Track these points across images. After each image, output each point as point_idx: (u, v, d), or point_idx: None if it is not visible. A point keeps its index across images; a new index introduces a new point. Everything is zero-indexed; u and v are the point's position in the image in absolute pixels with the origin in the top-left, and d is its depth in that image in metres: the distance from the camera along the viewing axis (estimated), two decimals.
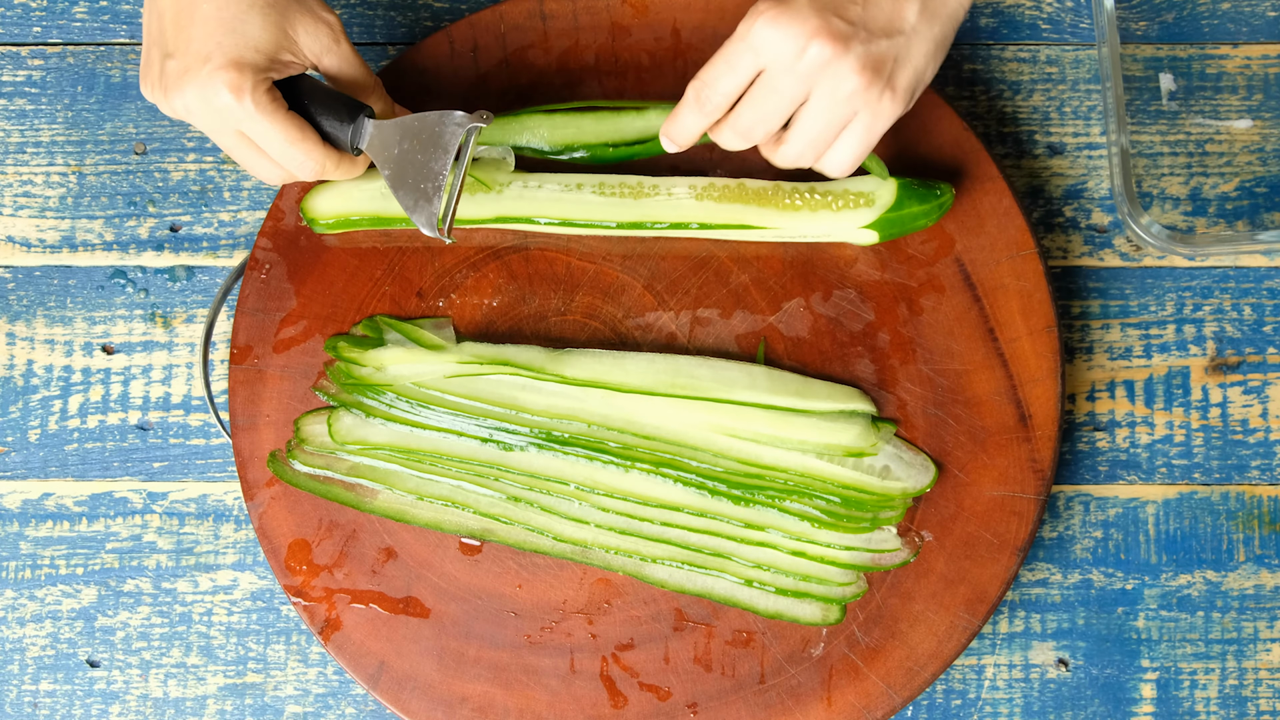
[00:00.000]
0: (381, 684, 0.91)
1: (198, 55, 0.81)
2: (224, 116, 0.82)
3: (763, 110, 0.82)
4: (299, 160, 0.85)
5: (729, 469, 0.90)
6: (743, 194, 0.91)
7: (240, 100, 0.81)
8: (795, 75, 0.80)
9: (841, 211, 0.90)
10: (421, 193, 0.85)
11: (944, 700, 0.95)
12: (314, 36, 0.84)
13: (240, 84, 0.81)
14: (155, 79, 0.84)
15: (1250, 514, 0.95)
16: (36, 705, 0.96)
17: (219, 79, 0.81)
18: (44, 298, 0.98)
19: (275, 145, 0.84)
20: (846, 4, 0.80)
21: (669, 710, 0.90)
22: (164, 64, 0.83)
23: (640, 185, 0.91)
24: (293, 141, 0.84)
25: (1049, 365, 0.91)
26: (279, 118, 0.83)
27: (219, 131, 0.84)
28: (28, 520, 0.97)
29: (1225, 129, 0.98)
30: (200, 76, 0.81)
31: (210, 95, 0.81)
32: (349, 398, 0.92)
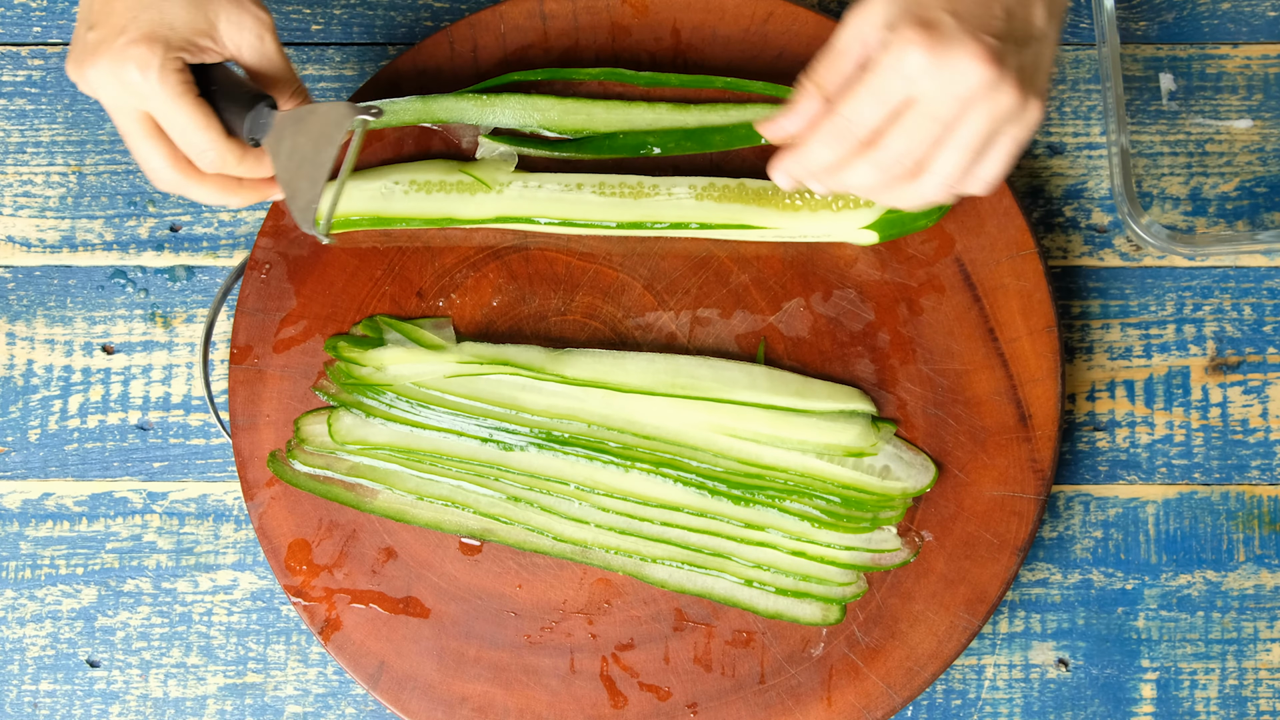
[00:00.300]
0: (381, 684, 0.91)
1: (114, 28, 0.81)
2: (130, 92, 0.81)
3: (916, 139, 0.77)
4: (198, 147, 0.83)
5: (729, 469, 0.90)
6: (743, 194, 0.91)
7: (146, 75, 0.80)
8: (955, 101, 0.76)
9: (842, 211, 0.90)
10: (302, 187, 0.83)
11: (944, 700, 0.95)
12: (236, 27, 0.83)
13: (149, 59, 0.80)
14: (77, 51, 0.83)
15: (1250, 514, 0.95)
16: (36, 705, 0.96)
17: (130, 52, 0.80)
18: (44, 298, 0.98)
19: (176, 128, 0.82)
20: (988, 18, 0.77)
21: (669, 710, 0.90)
22: (85, 36, 0.82)
23: (640, 185, 0.91)
24: (195, 127, 0.82)
25: (1049, 365, 0.91)
26: (185, 100, 0.82)
27: (121, 111, 0.83)
28: (28, 520, 0.97)
29: (1225, 129, 0.98)
30: (113, 49, 0.80)
31: (119, 68, 0.80)
32: (349, 398, 0.92)
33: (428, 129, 0.94)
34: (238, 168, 0.85)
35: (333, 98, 0.98)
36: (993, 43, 0.76)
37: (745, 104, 0.93)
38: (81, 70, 0.82)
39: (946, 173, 0.79)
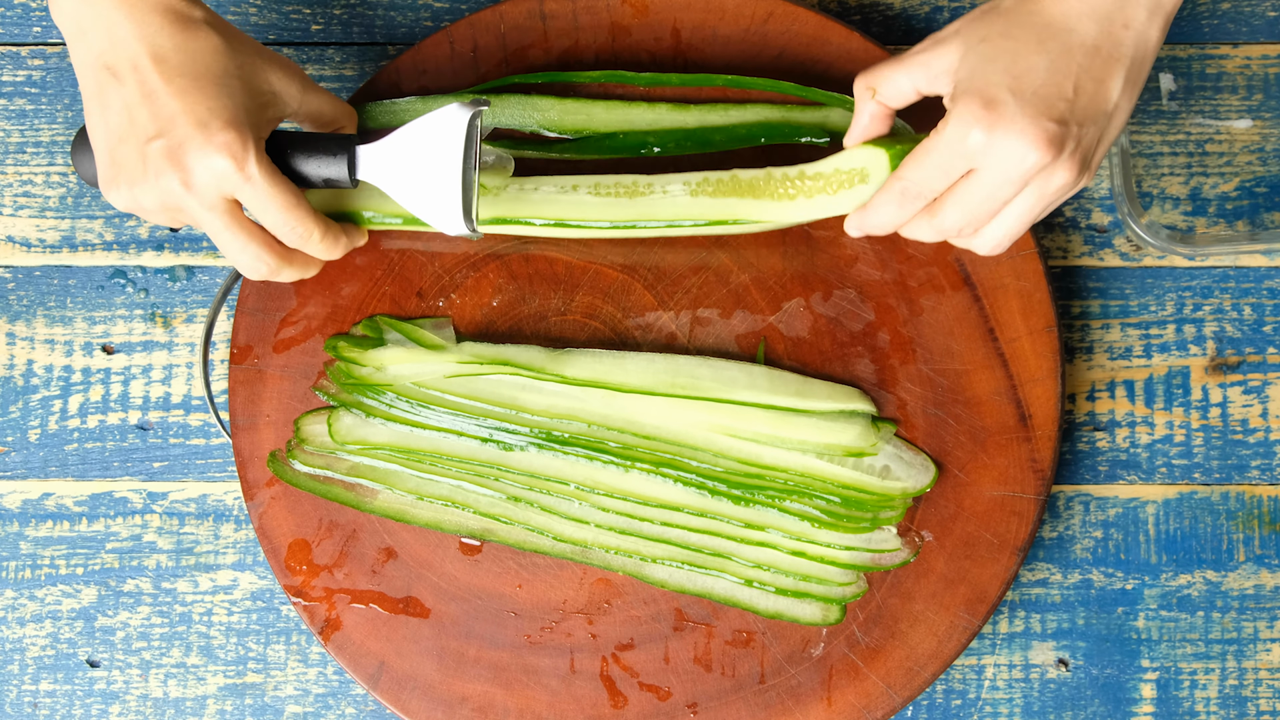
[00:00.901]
0: (381, 684, 0.91)
1: (189, 125, 0.78)
2: (221, 185, 0.79)
3: (971, 212, 0.82)
4: (291, 227, 0.82)
5: (729, 469, 0.90)
6: (736, 186, 0.90)
7: (243, 165, 0.78)
8: (1010, 181, 0.80)
9: (839, 194, 0.88)
10: (438, 197, 0.83)
11: (944, 700, 0.95)
12: (288, 84, 0.83)
13: (243, 144, 0.78)
14: (134, 170, 0.79)
15: (1250, 514, 0.95)
16: (36, 705, 0.96)
17: (218, 142, 0.78)
18: (44, 298, 0.98)
19: (271, 212, 0.81)
20: (1056, 99, 0.78)
21: (669, 710, 0.90)
22: (144, 150, 0.79)
23: (635, 184, 0.91)
24: (289, 207, 0.81)
25: (1049, 365, 0.91)
26: (276, 182, 0.80)
27: (211, 209, 0.80)
28: (28, 520, 0.97)
29: (1225, 129, 0.98)
30: (197, 142, 0.78)
31: (211, 160, 0.78)
32: (349, 398, 0.92)
33: None
34: (321, 241, 0.84)
35: None
36: (1052, 128, 0.78)
37: (745, 104, 0.93)
38: (159, 180, 0.79)
39: (996, 239, 0.84)
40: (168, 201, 0.80)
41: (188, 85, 0.79)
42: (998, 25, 0.80)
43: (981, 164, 0.79)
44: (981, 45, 0.80)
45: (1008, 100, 0.78)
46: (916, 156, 0.82)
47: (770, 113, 0.93)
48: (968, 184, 0.81)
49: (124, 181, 0.80)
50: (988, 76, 0.79)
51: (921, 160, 0.81)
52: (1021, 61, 0.79)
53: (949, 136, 0.79)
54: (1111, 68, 0.79)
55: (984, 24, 0.80)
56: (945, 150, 0.80)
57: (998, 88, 0.78)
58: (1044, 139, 0.78)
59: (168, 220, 0.82)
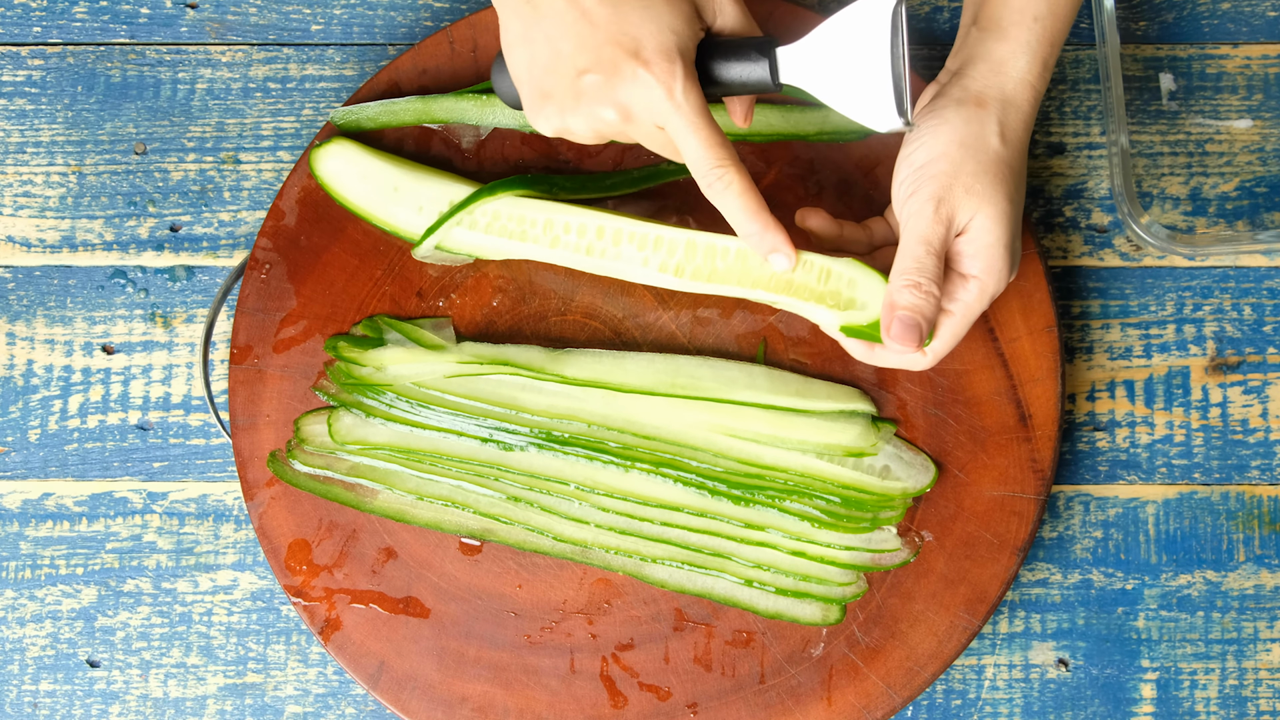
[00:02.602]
0: (381, 684, 0.91)
1: (621, 53, 0.77)
2: (654, 113, 0.78)
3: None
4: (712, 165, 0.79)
5: (729, 469, 0.90)
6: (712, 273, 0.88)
7: (673, 93, 0.77)
8: None
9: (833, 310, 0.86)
10: (869, 92, 0.80)
11: (944, 700, 0.95)
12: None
13: (673, 73, 0.77)
14: (566, 100, 0.79)
15: (1250, 514, 0.95)
16: (36, 705, 0.96)
17: (652, 71, 0.77)
18: (44, 298, 0.98)
19: (692, 146, 0.79)
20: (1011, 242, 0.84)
21: (669, 710, 0.90)
22: (576, 83, 0.78)
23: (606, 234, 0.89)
24: (709, 144, 0.79)
25: (1049, 365, 0.91)
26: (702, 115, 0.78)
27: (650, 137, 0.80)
28: (28, 520, 0.97)
29: (1225, 129, 0.98)
30: (629, 73, 0.77)
31: (645, 91, 0.77)
32: (349, 398, 0.92)
33: (428, 129, 0.94)
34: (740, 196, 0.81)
35: (333, 97, 0.98)
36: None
37: None
38: (594, 111, 0.79)
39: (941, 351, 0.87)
40: (603, 130, 0.80)
41: (610, 14, 0.77)
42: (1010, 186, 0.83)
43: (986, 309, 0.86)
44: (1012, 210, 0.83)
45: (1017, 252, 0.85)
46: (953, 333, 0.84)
47: (771, 113, 0.93)
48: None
49: (555, 109, 0.80)
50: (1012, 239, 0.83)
51: (957, 334, 0.84)
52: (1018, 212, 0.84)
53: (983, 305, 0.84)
54: None
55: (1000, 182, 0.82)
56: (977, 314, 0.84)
57: (1014, 244, 0.84)
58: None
59: (597, 142, 0.82)
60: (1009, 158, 0.83)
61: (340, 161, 0.92)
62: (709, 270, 0.87)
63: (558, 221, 0.89)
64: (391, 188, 0.91)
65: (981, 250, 0.82)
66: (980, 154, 0.82)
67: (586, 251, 0.89)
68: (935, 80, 0.86)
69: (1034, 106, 0.84)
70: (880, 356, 0.86)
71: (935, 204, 0.81)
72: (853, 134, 0.93)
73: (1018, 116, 0.83)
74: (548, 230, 0.89)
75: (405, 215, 0.91)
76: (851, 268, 0.85)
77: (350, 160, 0.92)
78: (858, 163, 0.93)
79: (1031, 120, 0.84)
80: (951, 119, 0.82)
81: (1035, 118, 0.85)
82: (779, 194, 0.93)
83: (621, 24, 0.77)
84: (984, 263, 0.82)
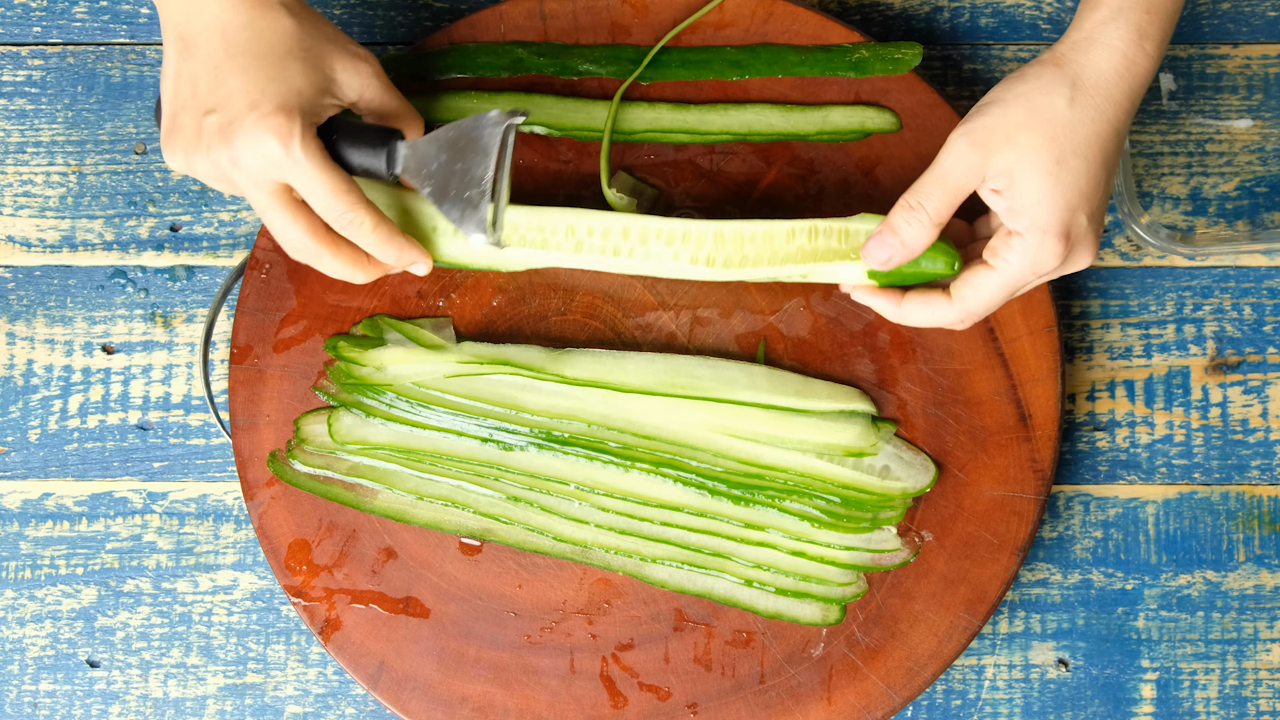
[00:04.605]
0: (381, 684, 0.91)
1: (243, 104, 0.79)
2: (270, 166, 0.80)
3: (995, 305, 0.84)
4: (341, 213, 0.82)
5: (729, 469, 0.90)
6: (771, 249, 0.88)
7: (288, 147, 0.79)
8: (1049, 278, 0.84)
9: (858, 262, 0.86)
10: (467, 202, 0.84)
11: (944, 700, 0.95)
12: (353, 74, 0.84)
13: (289, 128, 0.79)
14: (190, 139, 0.81)
15: (1250, 514, 0.95)
16: (36, 705, 0.96)
17: (267, 124, 0.79)
18: (44, 298, 0.98)
19: (319, 196, 0.82)
20: (1103, 206, 0.81)
21: (669, 710, 0.90)
22: (201, 122, 0.80)
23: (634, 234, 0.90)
24: (337, 192, 0.82)
25: (1049, 365, 0.91)
26: (324, 167, 0.81)
27: (259, 187, 0.81)
28: (28, 520, 0.97)
29: (1225, 129, 0.98)
30: (247, 123, 0.79)
31: (259, 144, 0.79)
32: (349, 398, 0.92)
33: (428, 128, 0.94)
34: (374, 232, 0.84)
35: None
36: (1101, 231, 0.83)
37: (745, 104, 0.93)
38: (210, 154, 0.81)
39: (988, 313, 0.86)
40: (219, 174, 0.82)
41: (248, 63, 0.80)
42: (1068, 143, 0.80)
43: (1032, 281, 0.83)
44: (1060, 169, 0.79)
45: (1082, 224, 0.81)
46: (985, 289, 0.82)
47: (771, 113, 0.93)
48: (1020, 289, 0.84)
49: (180, 148, 0.82)
50: (1068, 205, 0.80)
51: (993, 293, 0.82)
52: (1092, 182, 0.80)
53: (1026, 267, 0.81)
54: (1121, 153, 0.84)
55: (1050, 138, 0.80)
56: (1019, 280, 0.82)
57: (1076, 214, 0.80)
58: (1097, 245, 0.82)
59: (222, 189, 0.83)
60: (1075, 121, 0.80)
61: None
62: (739, 257, 0.87)
63: (580, 226, 0.89)
64: (402, 209, 0.91)
65: (1025, 208, 0.80)
66: (1038, 110, 0.80)
67: (614, 253, 0.89)
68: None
69: (1127, 75, 0.80)
70: (910, 313, 0.85)
71: (969, 143, 0.80)
72: (853, 134, 0.93)
73: (1098, 81, 0.80)
74: (570, 236, 0.89)
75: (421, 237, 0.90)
76: (866, 222, 0.86)
77: None
78: (858, 163, 0.93)
79: (1126, 90, 0.80)
80: (1026, 74, 0.81)
81: (1135, 90, 0.81)
82: (779, 194, 0.93)
83: (254, 76, 0.80)
84: (1028, 220, 0.80)
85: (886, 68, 0.93)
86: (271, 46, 0.81)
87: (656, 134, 0.93)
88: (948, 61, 0.98)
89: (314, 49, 0.82)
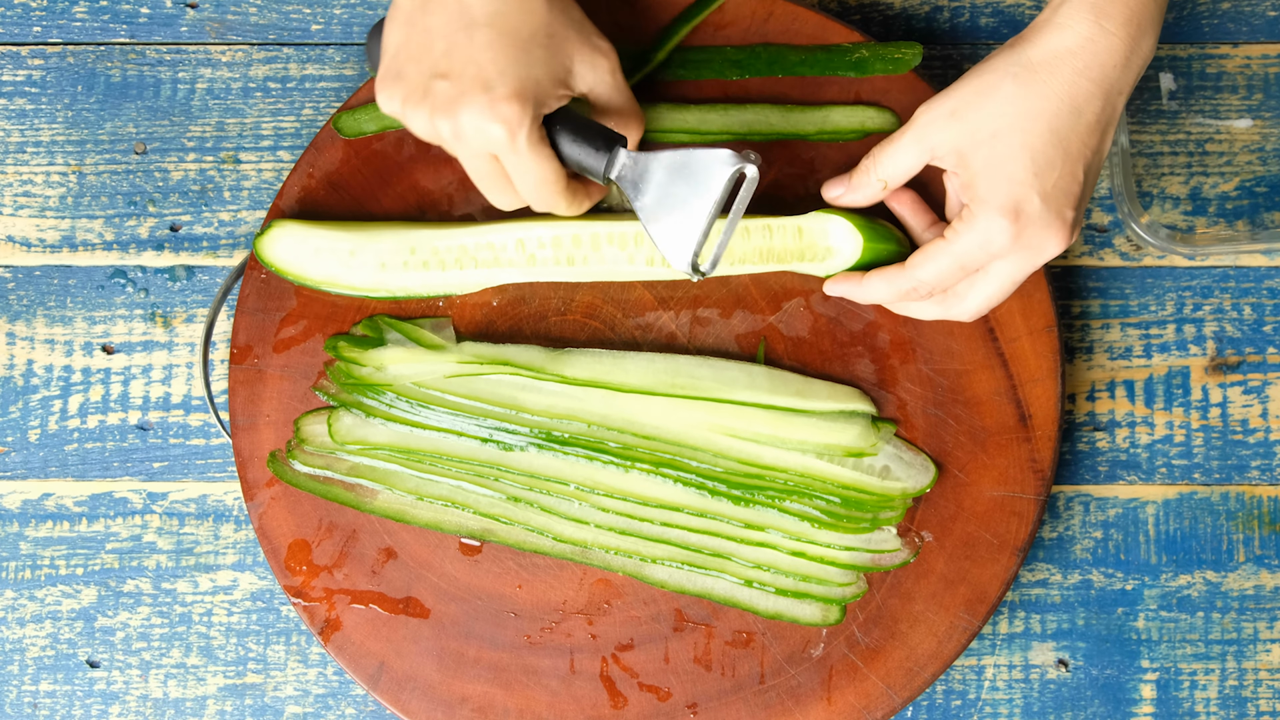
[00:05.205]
0: (381, 684, 0.91)
1: (477, 80, 0.78)
2: (489, 146, 0.80)
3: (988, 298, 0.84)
4: (543, 199, 0.83)
5: (729, 469, 0.90)
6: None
7: (514, 137, 0.79)
8: (1030, 269, 0.83)
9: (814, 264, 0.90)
10: (679, 229, 0.84)
11: (944, 700, 0.95)
12: (590, 67, 0.83)
13: (520, 119, 0.79)
14: (414, 92, 0.80)
15: (1250, 514, 0.95)
16: (36, 705, 0.96)
17: (500, 110, 0.78)
18: (44, 298, 0.98)
19: (527, 182, 0.82)
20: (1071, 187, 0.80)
21: (669, 710, 0.90)
22: (431, 83, 0.79)
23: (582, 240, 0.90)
24: (545, 182, 0.82)
25: (1049, 365, 0.91)
26: (542, 158, 0.81)
27: (474, 156, 0.81)
28: (28, 520, 0.97)
29: (1225, 129, 0.98)
30: (478, 104, 0.78)
31: (485, 125, 0.79)
32: (349, 398, 0.92)
33: None
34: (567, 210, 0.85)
35: (333, 97, 0.98)
36: (1070, 216, 0.81)
37: (745, 104, 0.93)
38: (432, 118, 0.80)
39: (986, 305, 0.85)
40: (433, 134, 0.81)
41: (492, 38, 0.79)
42: (1006, 118, 0.80)
43: (1004, 259, 0.82)
44: (995, 142, 0.80)
45: (1033, 202, 0.80)
46: (933, 258, 0.83)
47: (771, 113, 0.93)
48: (987, 275, 0.84)
49: (400, 94, 0.81)
50: (1010, 178, 0.80)
51: (939, 260, 0.83)
52: (1040, 158, 0.80)
53: (973, 241, 0.81)
54: (1108, 133, 0.82)
55: (989, 115, 0.80)
56: (968, 254, 0.82)
57: (1021, 188, 0.80)
58: (1065, 229, 0.81)
59: (426, 138, 0.82)
60: (1017, 96, 0.80)
61: (288, 243, 0.91)
62: None
63: (529, 239, 0.89)
64: (348, 252, 0.91)
65: (971, 182, 0.81)
66: (984, 89, 0.81)
67: (568, 262, 0.89)
68: None
69: (1083, 52, 0.79)
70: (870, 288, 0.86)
71: (926, 119, 0.83)
72: (853, 133, 0.93)
73: (1046, 58, 0.80)
74: (521, 250, 0.89)
75: (368, 275, 0.91)
76: (819, 219, 0.88)
77: (298, 239, 0.91)
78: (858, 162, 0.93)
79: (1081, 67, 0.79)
80: (986, 59, 0.83)
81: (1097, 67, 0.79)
82: (779, 193, 0.93)
83: (495, 54, 0.79)
84: (972, 193, 0.81)
85: (886, 67, 0.93)
86: (518, 26, 0.79)
87: (656, 134, 0.93)
88: (948, 61, 0.98)
89: (558, 35, 0.81)
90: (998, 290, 0.84)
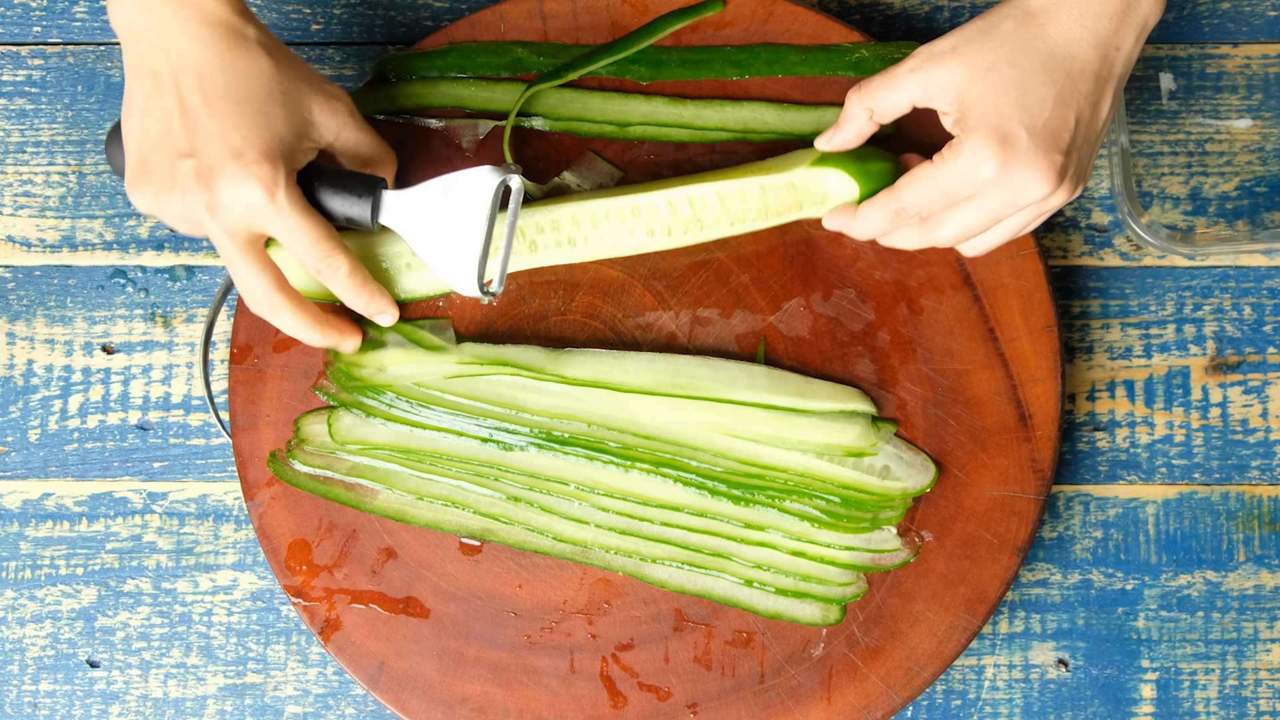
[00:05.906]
0: (381, 684, 0.91)
1: (225, 150, 0.78)
2: (249, 215, 0.79)
3: (968, 229, 0.84)
4: (321, 257, 0.82)
5: (729, 469, 0.90)
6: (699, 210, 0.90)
7: (274, 197, 0.79)
8: (1014, 206, 0.82)
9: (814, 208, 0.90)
10: (458, 255, 0.84)
11: (944, 700, 0.95)
12: (330, 114, 0.83)
13: (274, 177, 0.78)
14: (162, 181, 0.79)
15: (1250, 514, 0.95)
16: (36, 705, 0.96)
17: (254, 172, 0.78)
18: (44, 297, 0.98)
19: (299, 243, 0.81)
20: (1061, 130, 0.81)
21: (669, 710, 0.90)
22: (175, 164, 0.79)
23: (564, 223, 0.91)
24: (317, 240, 0.81)
25: (1049, 365, 0.91)
26: (306, 213, 0.80)
27: (233, 236, 0.81)
28: (28, 520, 0.97)
29: (1225, 129, 0.98)
30: (231, 171, 0.78)
31: (242, 190, 0.78)
32: (349, 398, 0.92)
33: (428, 129, 0.94)
34: (349, 278, 0.84)
35: None
36: (1059, 160, 0.81)
37: (742, 101, 0.93)
38: (185, 199, 0.79)
39: (985, 246, 0.87)
40: (190, 217, 0.80)
41: (229, 108, 0.79)
42: (1002, 52, 0.81)
43: (988, 192, 0.82)
44: (989, 74, 0.81)
45: (1021, 136, 0.80)
46: (920, 181, 0.83)
47: (767, 111, 0.93)
48: (969, 205, 0.83)
49: (150, 188, 0.80)
50: (1000, 109, 0.80)
51: (926, 185, 0.83)
52: (1031, 94, 0.80)
53: (960, 168, 0.82)
54: (1105, 90, 0.82)
55: (987, 49, 0.81)
56: (954, 179, 0.82)
57: (1011, 122, 0.80)
58: (1053, 172, 0.81)
59: (186, 231, 0.82)
60: (1013, 33, 0.81)
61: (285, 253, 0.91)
62: (696, 222, 0.89)
63: (529, 226, 0.89)
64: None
65: (962, 111, 0.81)
66: (985, 29, 0.82)
67: (570, 244, 0.90)
68: None
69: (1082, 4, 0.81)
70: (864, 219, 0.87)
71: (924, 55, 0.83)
72: None
73: (1045, 6, 0.81)
74: (521, 238, 0.90)
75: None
76: (809, 172, 0.88)
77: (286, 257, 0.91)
78: None
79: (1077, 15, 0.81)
80: (986, 11, 0.83)
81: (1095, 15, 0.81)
82: None
83: (235, 121, 0.78)
84: (960, 118, 0.82)
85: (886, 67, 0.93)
86: (251, 89, 0.79)
87: (652, 126, 0.93)
88: None
89: (292, 91, 0.81)
90: (976, 221, 0.83)
